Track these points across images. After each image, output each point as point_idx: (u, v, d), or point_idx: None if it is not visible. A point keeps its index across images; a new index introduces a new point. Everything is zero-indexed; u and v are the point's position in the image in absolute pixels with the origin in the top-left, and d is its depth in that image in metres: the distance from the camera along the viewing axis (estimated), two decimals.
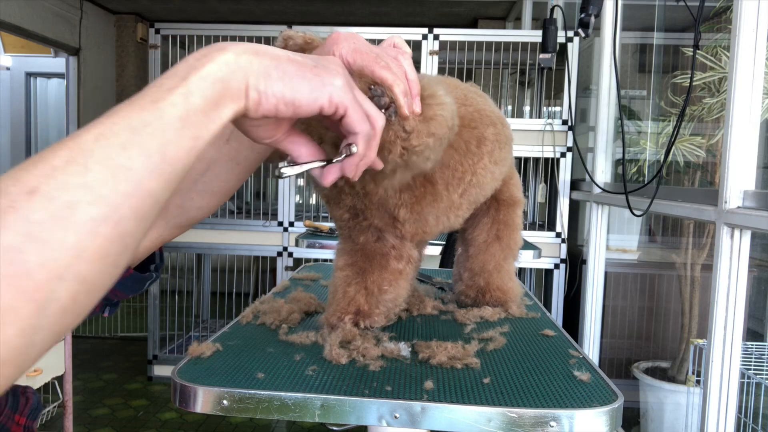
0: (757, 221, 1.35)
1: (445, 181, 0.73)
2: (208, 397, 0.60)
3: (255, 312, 0.87)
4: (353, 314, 0.76)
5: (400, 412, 0.58)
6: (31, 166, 0.33)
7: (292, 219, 3.12)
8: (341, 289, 0.78)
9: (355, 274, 0.77)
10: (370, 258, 0.77)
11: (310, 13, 4.95)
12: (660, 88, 2.85)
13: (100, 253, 0.34)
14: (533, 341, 0.79)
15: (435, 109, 0.55)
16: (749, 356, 1.95)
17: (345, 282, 0.77)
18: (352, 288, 0.77)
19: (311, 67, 0.45)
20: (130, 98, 0.38)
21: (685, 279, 2.48)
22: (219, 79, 0.40)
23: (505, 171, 0.85)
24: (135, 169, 0.35)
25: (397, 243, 0.77)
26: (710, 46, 2.21)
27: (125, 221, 0.35)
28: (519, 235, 0.93)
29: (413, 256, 0.80)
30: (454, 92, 0.63)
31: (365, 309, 0.77)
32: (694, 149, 2.35)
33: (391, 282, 0.78)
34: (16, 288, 0.31)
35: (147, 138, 0.36)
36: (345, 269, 0.78)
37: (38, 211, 0.32)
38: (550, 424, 0.56)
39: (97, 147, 0.34)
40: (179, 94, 0.38)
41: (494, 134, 0.78)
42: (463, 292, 0.94)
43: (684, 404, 2.32)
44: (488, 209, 0.91)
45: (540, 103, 3.40)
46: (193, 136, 0.39)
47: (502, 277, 0.92)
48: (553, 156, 2.94)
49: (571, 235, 3.03)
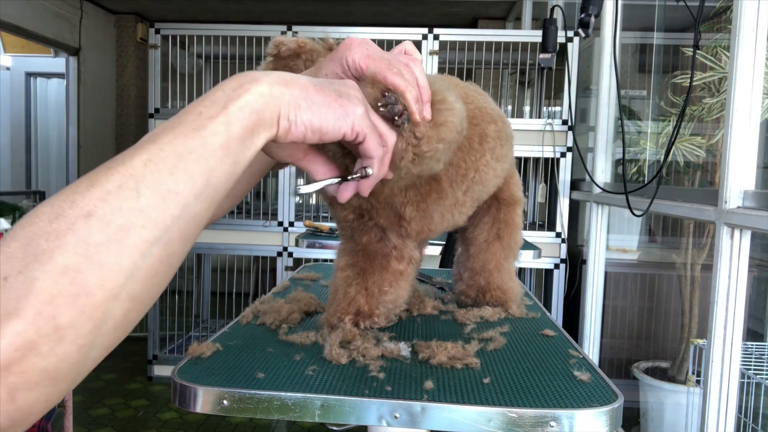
0: (757, 221, 1.35)
1: (449, 178, 0.73)
2: (208, 397, 0.60)
3: (255, 312, 0.87)
4: (353, 314, 0.76)
5: (400, 412, 0.58)
6: (85, 189, 0.35)
7: (292, 219, 3.12)
8: (342, 289, 0.78)
9: (356, 274, 0.77)
10: (372, 258, 0.77)
11: (310, 13, 4.95)
12: (660, 88, 2.85)
13: (150, 273, 0.36)
14: (533, 341, 0.79)
15: (445, 115, 0.56)
16: (749, 356, 1.95)
17: (346, 282, 0.78)
18: (352, 288, 0.77)
19: (336, 97, 0.48)
20: (169, 123, 0.41)
21: (685, 279, 2.48)
22: (255, 110, 0.43)
23: (506, 168, 0.85)
24: (182, 193, 0.38)
25: (399, 243, 0.77)
26: (710, 46, 2.21)
27: (173, 243, 0.38)
28: (519, 234, 0.94)
29: (414, 257, 0.80)
30: (455, 90, 0.64)
31: (365, 309, 0.77)
32: (694, 149, 2.36)
33: (392, 283, 0.78)
34: (77, 307, 0.33)
35: (192, 164, 0.39)
36: (346, 270, 0.78)
37: (96, 234, 0.34)
38: (550, 424, 0.56)
39: (147, 172, 0.37)
40: (221, 123, 0.41)
41: (495, 131, 0.79)
42: (464, 292, 0.94)
43: (684, 404, 2.32)
44: (489, 208, 0.91)
45: (540, 103, 3.40)
46: (232, 162, 0.42)
47: (503, 277, 0.92)
48: (553, 156, 2.94)
49: (571, 235, 3.03)
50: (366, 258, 0.77)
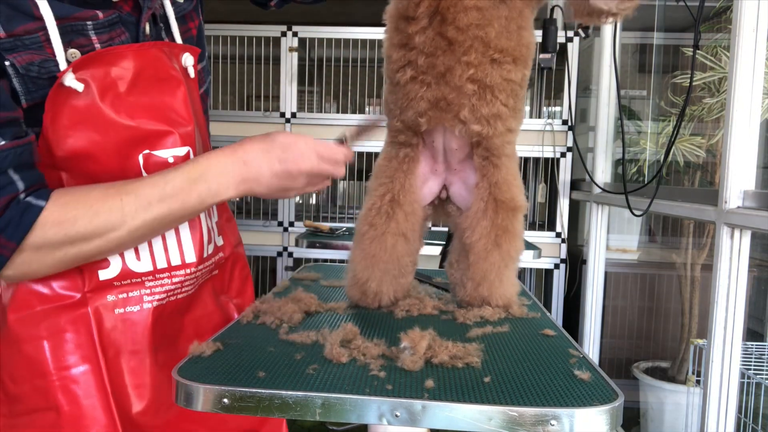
0: (757, 221, 1.35)
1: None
2: (208, 396, 0.60)
3: (255, 311, 0.87)
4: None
5: (400, 410, 0.58)
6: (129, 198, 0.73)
7: (292, 219, 3.12)
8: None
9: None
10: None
11: (310, 13, 4.95)
12: (660, 88, 2.85)
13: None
14: (533, 341, 0.79)
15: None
16: (749, 356, 1.95)
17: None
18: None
19: (285, 190, 0.82)
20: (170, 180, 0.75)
21: (685, 279, 2.48)
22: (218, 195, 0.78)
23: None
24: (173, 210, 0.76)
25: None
26: (710, 46, 2.21)
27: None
28: (520, 241, 0.92)
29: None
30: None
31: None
32: (694, 149, 2.36)
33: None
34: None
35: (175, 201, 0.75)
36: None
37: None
38: (550, 422, 0.56)
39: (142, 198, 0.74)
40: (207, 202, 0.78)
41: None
42: (467, 302, 0.94)
43: (684, 404, 2.32)
44: (487, 210, 0.91)
45: (540, 103, 3.40)
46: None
47: (504, 286, 0.92)
48: (553, 156, 2.94)
49: (571, 235, 3.03)
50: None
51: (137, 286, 0.80)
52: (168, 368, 0.82)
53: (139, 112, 0.76)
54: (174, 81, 0.80)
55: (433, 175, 0.95)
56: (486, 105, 0.84)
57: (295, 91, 3.09)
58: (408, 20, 0.83)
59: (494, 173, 0.89)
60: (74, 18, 0.72)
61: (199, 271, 0.86)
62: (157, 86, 0.78)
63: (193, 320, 0.89)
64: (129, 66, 0.75)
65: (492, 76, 0.83)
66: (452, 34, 0.81)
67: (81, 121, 0.73)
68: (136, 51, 0.76)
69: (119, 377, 0.79)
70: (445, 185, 0.96)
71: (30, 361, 0.76)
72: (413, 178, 0.93)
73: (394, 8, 0.86)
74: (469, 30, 0.81)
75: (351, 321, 0.85)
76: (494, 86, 0.84)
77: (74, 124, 0.73)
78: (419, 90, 0.85)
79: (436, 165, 0.95)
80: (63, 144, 0.73)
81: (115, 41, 0.76)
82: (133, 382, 0.79)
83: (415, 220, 0.93)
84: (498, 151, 0.88)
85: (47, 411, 0.75)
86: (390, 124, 0.93)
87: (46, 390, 0.75)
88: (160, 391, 0.82)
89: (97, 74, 0.73)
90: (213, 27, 3.15)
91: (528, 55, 0.87)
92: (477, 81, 0.83)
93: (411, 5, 0.82)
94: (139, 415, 0.80)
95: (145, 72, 0.77)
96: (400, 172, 0.92)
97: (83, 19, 0.72)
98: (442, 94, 0.84)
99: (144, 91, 0.77)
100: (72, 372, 0.76)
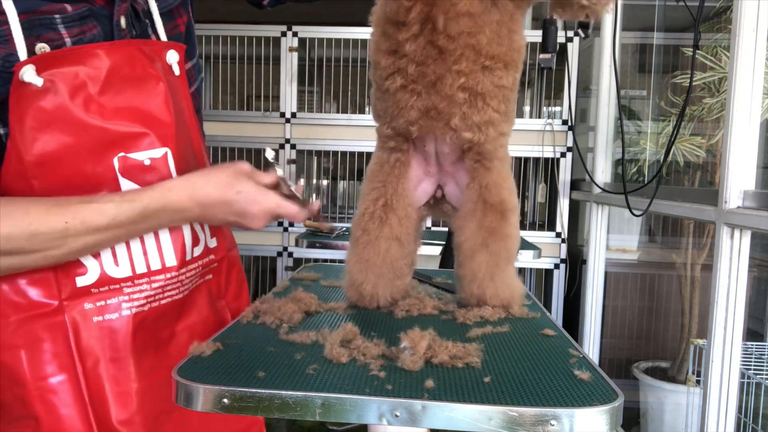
0: (757, 221, 1.35)
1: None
2: (208, 396, 0.60)
3: (255, 311, 0.87)
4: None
5: (400, 410, 0.58)
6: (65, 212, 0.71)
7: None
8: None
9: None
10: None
11: (310, 13, 4.95)
12: (660, 88, 2.85)
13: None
14: (533, 341, 0.79)
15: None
16: (749, 356, 1.95)
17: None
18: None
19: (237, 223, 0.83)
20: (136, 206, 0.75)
21: (685, 279, 2.48)
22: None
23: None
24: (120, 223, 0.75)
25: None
26: (710, 46, 2.22)
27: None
28: (512, 242, 0.91)
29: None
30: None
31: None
32: (694, 149, 2.36)
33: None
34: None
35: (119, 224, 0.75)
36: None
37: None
38: (550, 422, 0.56)
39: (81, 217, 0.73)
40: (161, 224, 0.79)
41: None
42: (464, 300, 0.94)
43: (684, 404, 2.32)
44: (475, 211, 0.89)
45: (540, 103, 3.40)
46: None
47: (497, 285, 0.91)
48: (553, 156, 2.94)
49: (571, 235, 3.03)
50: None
51: (115, 292, 0.78)
52: (156, 375, 0.81)
53: (112, 113, 0.74)
54: (152, 80, 0.77)
55: (427, 176, 0.95)
56: (477, 113, 0.83)
57: (295, 91, 3.09)
58: (398, 26, 0.81)
59: (485, 176, 0.88)
60: (41, 12, 0.69)
61: (182, 274, 0.83)
62: (133, 86, 0.76)
63: (188, 326, 0.87)
64: (101, 65, 0.73)
65: (483, 83, 0.82)
66: (443, 42, 0.79)
67: (49, 123, 0.70)
68: (108, 49, 0.74)
69: (99, 386, 0.77)
70: (440, 185, 0.96)
71: (9, 371, 0.74)
72: (406, 182, 0.92)
73: (382, 12, 0.83)
74: (460, 38, 0.79)
75: (351, 321, 0.85)
76: (486, 93, 0.83)
77: (42, 125, 0.70)
78: (409, 99, 0.84)
79: (429, 167, 0.94)
80: (31, 147, 0.70)
81: (86, 35, 0.74)
82: (114, 390, 0.77)
83: (409, 223, 0.93)
84: (490, 155, 0.87)
85: (28, 419, 0.74)
86: (380, 129, 0.91)
87: (25, 399, 0.74)
88: (146, 397, 0.80)
89: (65, 74, 0.71)
90: (213, 27, 3.15)
91: (519, 59, 0.86)
92: (468, 89, 0.82)
93: (401, 10, 0.79)
94: (122, 423, 0.78)
95: (120, 71, 0.74)
96: (393, 176, 0.91)
97: (50, 13, 0.70)
98: (432, 103, 0.83)
99: (118, 91, 0.74)
100: (50, 381, 0.75)
